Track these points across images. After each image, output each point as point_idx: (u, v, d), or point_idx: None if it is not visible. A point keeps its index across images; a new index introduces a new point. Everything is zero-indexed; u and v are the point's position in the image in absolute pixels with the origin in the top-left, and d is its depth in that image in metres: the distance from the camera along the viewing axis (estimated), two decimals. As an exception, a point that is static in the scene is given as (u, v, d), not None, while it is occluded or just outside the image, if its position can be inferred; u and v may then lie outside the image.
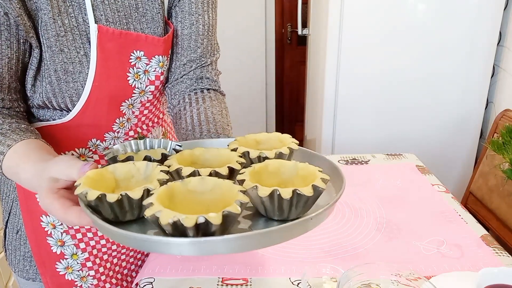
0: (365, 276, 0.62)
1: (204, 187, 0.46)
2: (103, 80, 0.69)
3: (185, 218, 0.38)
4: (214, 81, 0.81)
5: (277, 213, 0.45)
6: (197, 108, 0.75)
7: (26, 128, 0.65)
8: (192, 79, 0.79)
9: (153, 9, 0.72)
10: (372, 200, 1.07)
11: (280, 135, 0.62)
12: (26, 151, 0.59)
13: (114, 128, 0.77)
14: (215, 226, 0.38)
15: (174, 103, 0.79)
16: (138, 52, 0.71)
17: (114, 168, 0.50)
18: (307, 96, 2.61)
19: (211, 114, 0.74)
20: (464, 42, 1.74)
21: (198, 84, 0.79)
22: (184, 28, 0.76)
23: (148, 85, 0.75)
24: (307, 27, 2.42)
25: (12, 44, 0.63)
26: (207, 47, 0.79)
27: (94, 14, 0.66)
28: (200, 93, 0.78)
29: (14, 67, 0.66)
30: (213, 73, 0.82)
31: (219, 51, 0.83)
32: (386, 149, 1.76)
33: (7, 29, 0.62)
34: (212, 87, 0.81)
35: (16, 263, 0.85)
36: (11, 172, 0.59)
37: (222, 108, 0.77)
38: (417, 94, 1.83)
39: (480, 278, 0.63)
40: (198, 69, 0.79)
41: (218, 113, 0.75)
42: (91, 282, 0.85)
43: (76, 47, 0.66)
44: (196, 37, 0.77)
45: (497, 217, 1.35)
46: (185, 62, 0.78)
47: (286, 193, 0.43)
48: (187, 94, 0.78)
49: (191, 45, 0.77)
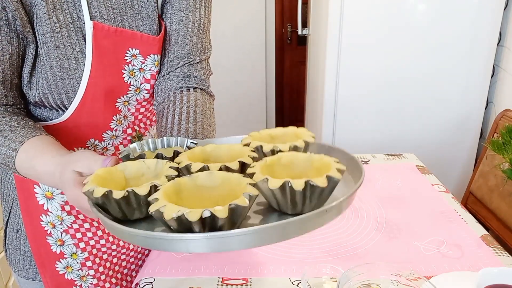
0: (365, 276, 0.62)
1: (213, 182, 0.45)
2: (98, 76, 0.69)
3: (189, 212, 0.36)
4: (202, 80, 0.79)
5: (290, 206, 0.43)
6: (180, 107, 0.73)
7: (34, 125, 0.66)
8: (179, 76, 0.77)
9: (149, 7, 0.72)
10: (372, 200, 1.07)
11: (296, 129, 0.59)
12: (40, 146, 0.60)
13: (111, 126, 0.77)
14: (221, 220, 0.36)
15: (160, 100, 0.78)
16: (134, 50, 0.71)
17: (125, 166, 0.49)
18: (307, 96, 2.61)
19: (192, 113, 0.72)
20: (464, 42, 1.74)
21: (185, 82, 0.77)
22: (173, 24, 0.75)
23: (143, 83, 0.75)
24: (307, 27, 2.42)
25: (12, 39, 0.63)
26: (196, 44, 0.77)
27: (89, 10, 0.66)
28: (186, 92, 0.76)
29: (15, 63, 0.66)
30: (201, 72, 0.79)
31: (210, 50, 0.82)
32: (386, 149, 1.76)
33: (6, 24, 0.62)
34: (200, 86, 0.78)
35: (16, 262, 0.85)
36: (26, 167, 0.60)
37: (206, 108, 0.75)
38: (417, 94, 1.83)
39: (480, 278, 0.63)
40: (185, 67, 0.77)
41: (201, 112, 0.73)
42: (90, 282, 0.85)
43: (72, 44, 0.66)
44: (185, 34, 0.76)
45: (497, 217, 1.35)
46: (172, 58, 0.77)
47: (298, 185, 0.40)
48: (173, 92, 0.77)
49: (178, 41, 0.76)
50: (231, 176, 0.44)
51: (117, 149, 0.81)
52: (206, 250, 0.37)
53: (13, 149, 0.61)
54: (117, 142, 0.80)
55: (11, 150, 0.61)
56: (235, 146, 0.55)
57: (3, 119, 0.65)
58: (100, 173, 0.46)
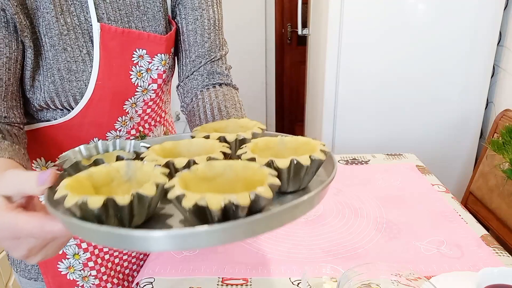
0: (365, 276, 0.62)
1: (214, 171, 0.42)
2: (106, 78, 0.69)
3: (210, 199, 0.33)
4: (225, 76, 0.80)
5: (292, 183, 0.44)
6: (210, 103, 0.74)
7: (8, 146, 0.57)
8: (203, 75, 0.78)
9: (154, 7, 0.73)
10: (372, 200, 1.07)
11: (238, 121, 0.59)
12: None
13: (116, 127, 0.77)
14: (242, 208, 0.34)
15: (187, 101, 0.79)
16: (141, 51, 0.71)
17: (89, 173, 0.42)
18: (307, 96, 2.61)
19: (224, 108, 0.72)
20: (464, 42, 1.74)
21: (210, 80, 0.78)
22: (189, 24, 0.76)
23: (151, 83, 0.75)
24: (307, 27, 2.42)
25: (11, 42, 0.61)
26: (214, 41, 0.78)
27: (96, 12, 0.66)
28: (213, 89, 0.77)
29: (13, 68, 0.63)
30: (223, 67, 0.81)
31: (227, 45, 0.83)
32: (386, 149, 1.76)
33: (4, 26, 0.60)
34: (224, 82, 0.80)
35: (18, 262, 0.85)
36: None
37: (235, 102, 0.76)
38: (417, 94, 1.83)
39: (480, 278, 0.63)
40: (208, 64, 0.78)
41: (232, 106, 0.74)
42: (92, 282, 0.85)
43: (79, 46, 0.66)
44: (202, 32, 0.77)
45: (497, 217, 1.35)
46: (194, 58, 0.78)
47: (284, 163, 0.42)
48: (200, 90, 0.78)
49: (197, 40, 0.77)
50: (234, 163, 0.42)
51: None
52: (170, 248, 0.34)
53: None
54: None
55: None
56: (195, 141, 0.52)
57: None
58: (68, 183, 0.39)
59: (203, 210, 0.35)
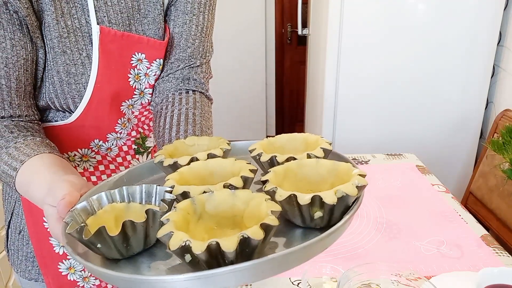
0: (365, 276, 0.62)
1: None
2: (104, 81, 0.69)
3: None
4: (201, 83, 0.79)
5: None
6: (179, 108, 0.72)
7: (41, 142, 0.63)
8: (178, 78, 0.77)
9: (155, 11, 0.73)
10: (372, 200, 1.07)
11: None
12: (38, 167, 0.56)
13: (116, 129, 0.78)
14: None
15: (157, 101, 0.77)
16: (140, 55, 0.71)
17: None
18: (307, 96, 2.61)
19: (191, 115, 0.71)
20: (464, 42, 1.74)
21: (184, 85, 0.77)
22: (176, 27, 0.75)
23: (147, 88, 0.75)
24: (307, 27, 2.42)
25: (26, 44, 0.62)
26: (198, 48, 0.77)
27: (96, 15, 0.66)
28: (185, 94, 0.76)
29: (29, 69, 0.64)
30: (201, 75, 0.79)
31: (212, 52, 0.82)
32: (386, 149, 1.76)
33: (19, 29, 0.61)
34: (199, 89, 0.78)
35: (18, 263, 0.85)
36: (23, 190, 0.58)
37: (205, 111, 0.75)
38: (417, 94, 1.83)
39: (480, 278, 0.63)
40: (186, 69, 0.77)
41: (200, 115, 0.72)
42: (93, 283, 0.85)
43: (79, 49, 0.66)
44: (187, 37, 0.76)
45: (497, 217, 1.35)
46: (173, 61, 0.77)
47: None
48: (171, 93, 0.76)
49: (180, 44, 0.76)
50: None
51: (120, 150, 0.81)
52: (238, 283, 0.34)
53: (14, 168, 0.58)
54: (121, 143, 0.81)
55: (12, 169, 0.59)
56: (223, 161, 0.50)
57: (11, 134, 0.63)
58: None
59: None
